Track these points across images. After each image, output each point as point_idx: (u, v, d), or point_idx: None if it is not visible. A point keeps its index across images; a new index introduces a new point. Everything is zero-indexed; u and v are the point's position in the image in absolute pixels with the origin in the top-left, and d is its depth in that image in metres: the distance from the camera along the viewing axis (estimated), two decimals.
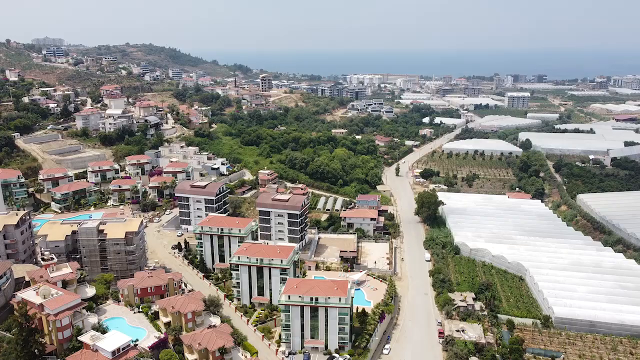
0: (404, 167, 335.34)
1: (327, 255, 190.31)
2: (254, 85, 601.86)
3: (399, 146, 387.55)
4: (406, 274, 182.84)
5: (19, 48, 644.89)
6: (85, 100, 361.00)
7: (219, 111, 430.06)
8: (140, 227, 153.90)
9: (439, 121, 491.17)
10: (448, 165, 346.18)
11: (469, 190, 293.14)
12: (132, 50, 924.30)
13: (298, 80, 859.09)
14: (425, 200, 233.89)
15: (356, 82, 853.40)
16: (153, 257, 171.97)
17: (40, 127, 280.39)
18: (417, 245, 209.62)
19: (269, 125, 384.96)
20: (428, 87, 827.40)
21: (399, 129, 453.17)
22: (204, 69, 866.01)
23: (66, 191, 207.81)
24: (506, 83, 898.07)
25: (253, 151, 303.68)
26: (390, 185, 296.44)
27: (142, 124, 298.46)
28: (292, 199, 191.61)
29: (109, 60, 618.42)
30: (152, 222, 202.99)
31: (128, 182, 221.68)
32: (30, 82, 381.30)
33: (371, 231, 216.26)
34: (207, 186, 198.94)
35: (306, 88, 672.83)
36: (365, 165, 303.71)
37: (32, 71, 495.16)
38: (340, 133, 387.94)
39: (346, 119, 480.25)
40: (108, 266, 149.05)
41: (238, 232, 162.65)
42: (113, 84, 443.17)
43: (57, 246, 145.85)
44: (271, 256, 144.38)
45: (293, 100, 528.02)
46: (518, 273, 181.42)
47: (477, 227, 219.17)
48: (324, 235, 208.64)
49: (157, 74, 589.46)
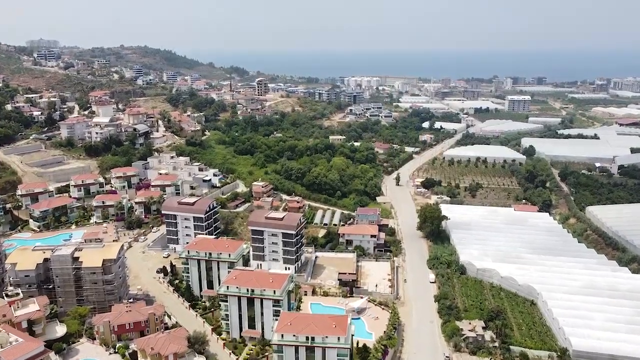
0: (405, 176, 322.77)
1: (325, 277, 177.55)
2: (250, 89, 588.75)
3: (398, 153, 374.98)
4: (409, 298, 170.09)
5: (9, 51, 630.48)
6: (72, 107, 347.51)
7: (214, 116, 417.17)
8: (120, 253, 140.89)
9: (439, 126, 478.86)
10: (450, 173, 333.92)
11: (473, 201, 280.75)
12: (127, 52, 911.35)
13: (295, 83, 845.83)
14: (428, 215, 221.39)
15: (354, 84, 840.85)
16: (136, 283, 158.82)
17: (22, 137, 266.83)
18: (420, 264, 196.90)
19: (264, 132, 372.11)
20: (427, 90, 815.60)
21: (399, 134, 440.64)
22: (200, 72, 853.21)
23: (45, 208, 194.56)
24: (505, 85, 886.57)
25: (247, 161, 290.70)
26: (390, 195, 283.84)
27: (131, 133, 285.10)
28: (287, 217, 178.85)
29: (101, 63, 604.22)
30: (137, 242, 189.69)
31: (112, 197, 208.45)
32: (15, 88, 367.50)
33: (371, 249, 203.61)
34: (196, 203, 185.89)
35: (303, 91, 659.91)
36: (365, 175, 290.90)
37: (21, 75, 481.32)
38: (338, 140, 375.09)
39: (344, 124, 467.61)
40: (84, 297, 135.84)
41: (228, 256, 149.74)
42: (104, 89, 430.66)
43: (27, 275, 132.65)
44: (263, 286, 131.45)
45: (290, 105, 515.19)
46: (529, 297, 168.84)
47: (483, 244, 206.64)
48: (322, 254, 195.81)
49: (151, 77, 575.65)
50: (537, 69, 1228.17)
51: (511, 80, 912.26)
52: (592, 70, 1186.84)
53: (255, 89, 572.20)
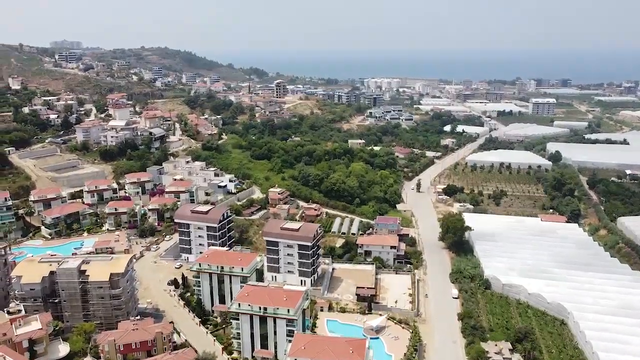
0: (426, 182, 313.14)
1: (342, 291, 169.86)
2: (269, 91, 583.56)
3: (419, 158, 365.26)
4: (431, 315, 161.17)
5: (31, 52, 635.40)
6: (90, 110, 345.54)
7: (231, 119, 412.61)
8: (128, 266, 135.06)
9: (461, 130, 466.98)
10: (472, 179, 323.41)
11: (497, 209, 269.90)
12: (147, 53, 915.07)
13: (314, 85, 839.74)
14: (451, 226, 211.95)
15: (374, 86, 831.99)
16: (146, 295, 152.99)
17: (38, 141, 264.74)
18: (442, 277, 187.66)
19: (282, 136, 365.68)
20: (448, 92, 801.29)
21: (419, 138, 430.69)
22: (219, 73, 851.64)
23: (57, 215, 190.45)
24: (529, 87, 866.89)
25: (264, 166, 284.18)
26: (411, 203, 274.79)
27: (147, 137, 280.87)
28: (303, 228, 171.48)
29: (121, 65, 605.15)
30: (148, 251, 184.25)
31: (125, 204, 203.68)
32: (33, 90, 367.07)
33: (391, 260, 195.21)
34: (210, 212, 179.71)
35: (322, 93, 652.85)
36: (384, 181, 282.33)
37: (41, 77, 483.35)
38: (358, 144, 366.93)
39: (364, 127, 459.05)
40: (91, 312, 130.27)
41: (240, 270, 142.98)
42: (122, 91, 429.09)
43: (32, 289, 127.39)
44: (277, 304, 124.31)
45: (308, 107, 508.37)
46: (559, 316, 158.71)
47: (509, 256, 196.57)
48: (339, 266, 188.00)
49: (169, 79, 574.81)
50: (562, 70, 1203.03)
51: (535, 82, 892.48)
52: (619, 72, 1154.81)
53: (274, 91, 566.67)
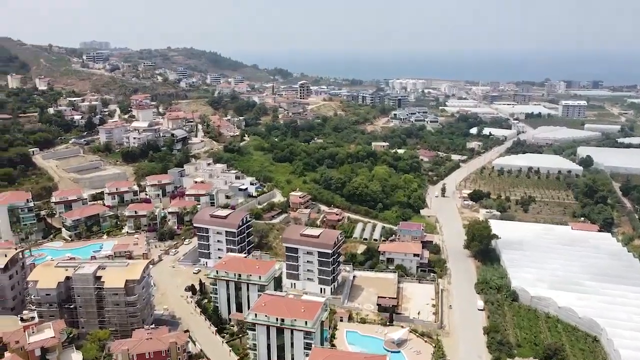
0: (451, 186, 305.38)
1: (363, 300, 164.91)
2: (292, 92, 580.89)
3: (444, 161, 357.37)
4: (455, 328, 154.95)
5: (60, 53, 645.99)
6: (114, 111, 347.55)
7: (254, 120, 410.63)
8: (144, 272, 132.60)
9: (488, 132, 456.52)
10: (499, 184, 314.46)
11: (525, 216, 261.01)
12: (173, 54, 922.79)
13: (339, 85, 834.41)
14: (477, 233, 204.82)
15: (399, 87, 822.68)
16: (163, 302, 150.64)
17: (62, 141, 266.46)
18: (467, 287, 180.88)
19: (304, 137, 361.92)
20: (474, 93, 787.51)
21: (445, 140, 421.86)
22: (244, 74, 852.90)
23: (77, 217, 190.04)
24: (558, 89, 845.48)
25: (285, 169, 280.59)
26: (435, 208, 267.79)
27: (169, 139, 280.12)
28: (323, 234, 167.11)
29: (146, 65, 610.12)
30: (167, 255, 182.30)
31: (145, 206, 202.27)
32: (59, 91, 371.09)
33: (414, 268, 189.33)
34: (229, 217, 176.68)
35: (346, 94, 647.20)
36: (408, 185, 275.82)
37: (69, 77, 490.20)
38: (381, 147, 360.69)
39: (388, 130, 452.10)
40: (106, 318, 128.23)
41: (258, 279, 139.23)
42: (147, 92, 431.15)
43: (48, 294, 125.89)
44: (294, 315, 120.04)
45: (332, 109, 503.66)
46: (591, 332, 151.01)
47: (538, 267, 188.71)
48: (360, 274, 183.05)
49: (194, 80, 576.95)
50: (593, 71, 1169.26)
51: (565, 83, 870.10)
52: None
53: (298, 92, 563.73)
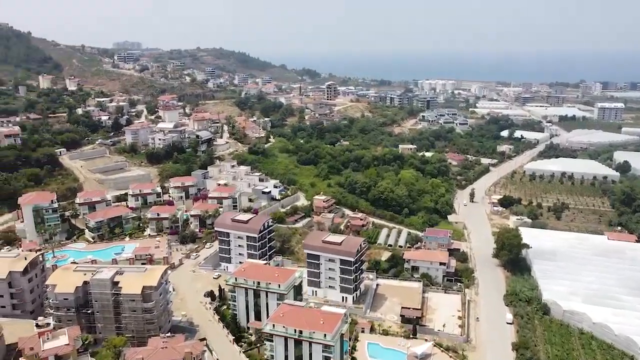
0: (480, 191, 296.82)
1: (386, 310, 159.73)
2: (319, 93, 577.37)
3: (473, 165, 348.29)
4: (482, 342, 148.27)
5: (92, 53, 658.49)
6: (141, 112, 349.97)
7: (281, 121, 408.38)
8: (162, 278, 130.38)
9: (520, 135, 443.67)
10: (531, 190, 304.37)
11: (557, 224, 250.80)
12: (202, 54, 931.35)
13: (367, 86, 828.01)
14: (506, 242, 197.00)
15: (428, 88, 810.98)
16: (181, 307, 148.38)
17: (89, 142, 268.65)
18: (495, 299, 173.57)
19: (330, 139, 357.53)
20: (506, 95, 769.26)
21: (474, 143, 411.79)
22: (272, 74, 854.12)
23: (100, 218, 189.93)
24: (594, 91, 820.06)
25: (310, 171, 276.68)
26: (463, 214, 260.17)
27: (194, 140, 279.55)
28: (346, 242, 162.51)
29: (175, 66, 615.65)
30: (188, 259, 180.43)
31: (167, 209, 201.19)
32: (88, 92, 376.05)
33: (440, 277, 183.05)
34: (250, 221, 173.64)
35: (374, 95, 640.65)
36: (435, 190, 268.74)
37: (99, 77, 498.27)
38: (409, 149, 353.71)
39: (416, 132, 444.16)
40: (123, 324, 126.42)
41: (277, 287, 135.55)
42: (174, 93, 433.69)
43: (66, 299, 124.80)
44: (313, 327, 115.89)
45: (359, 110, 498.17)
46: (628, 351, 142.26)
47: (571, 279, 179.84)
48: (384, 282, 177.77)
49: (221, 80, 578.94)
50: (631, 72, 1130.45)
51: (600, 84, 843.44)
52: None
53: (325, 93, 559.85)
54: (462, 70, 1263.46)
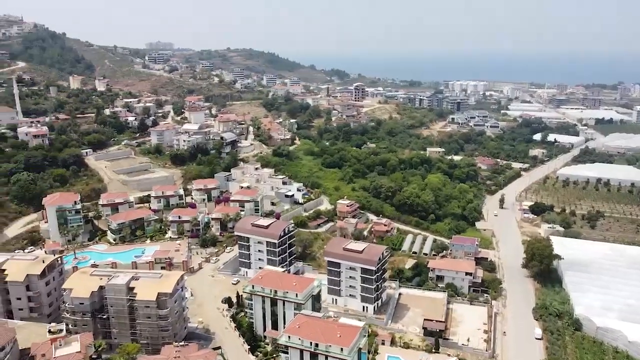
0: (510, 197, 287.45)
1: (408, 321, 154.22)
2: (347, 94, 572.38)
3: (504, 170, 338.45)
4: (508, 358, 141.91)
5: (124, 54, 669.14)
6: (167, 112, 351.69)
7: (307, 122, 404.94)
8: (178, 285, 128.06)
9: (553, 139, 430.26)
10: (564, 196, 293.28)
11: (592, 233, 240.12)
12: (232, 55, 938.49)
13: (396, 87, 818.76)
14: (537, 252, 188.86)
15: (459, 89, 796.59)
16: (198, 313, 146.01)
17: (114, 143, 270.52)
18: (524, 312, 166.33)
19: (357, 142, 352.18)
20: (540, 97, 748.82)
21: (505, 147, 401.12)
22: (301, 74, 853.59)
23: (122, 220, 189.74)
24: (633, 93, 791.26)
25: (334, 175, 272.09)
26: (492, 221, 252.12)
27: (218, 142, 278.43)
28: (367, 249, 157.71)
29: (204, 66, 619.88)
30: (208, 262, 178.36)
31: (189, 211, 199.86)
32: (116, 92, 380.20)
33: (465, 288, 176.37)
34: (270, 226, 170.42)
35: (403, 97, 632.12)
36: (463, 196, 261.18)
37: (129, 78, 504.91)
38: (437, 153, 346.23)
39: (445, 134, 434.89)
40: (138, 331, 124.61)
41: (295, 296, 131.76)
42: (202, 93, 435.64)
43: (82, 303, 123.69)
44: (329, 341, 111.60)
45: (387, 112, 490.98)
46: None
47: (606, 293, 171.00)
48: (406, 291, 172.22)
49: (249, 81, 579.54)
50: None
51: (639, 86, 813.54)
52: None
53: (352, 94, 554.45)
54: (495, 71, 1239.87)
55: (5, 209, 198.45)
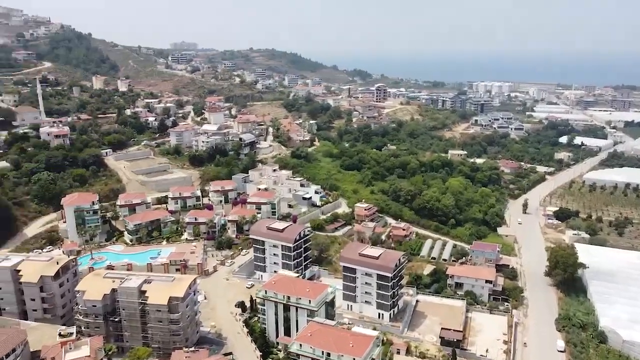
0: (534, 202, 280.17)
1: (425, 329, 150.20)
2: (369, 95, 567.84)
3: (528, 173, 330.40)
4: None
5: (148, 54, 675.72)
6: (188, 113, 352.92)
7: (327, 123, 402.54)
8: (190, 289, 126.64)
9: (580, 142, 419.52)
10: (590, 202, 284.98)
11: (619, 241, 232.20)
12: (255, 55, 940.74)
13: (419, 88, 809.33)
14: (560, 260, 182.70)
15: (483, 90, 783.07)
16: (211, 317, 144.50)
17: (134, 143, 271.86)
18: (546, 322, 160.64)
19: (377, 144, 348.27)
20: (566, 98, 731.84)
21: (530, 150, 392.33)
22: (323, 75, 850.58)
23: (139, 221, 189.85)
24: None
25: (353, 177, 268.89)
26: (514, 226, 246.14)
27: (236, 143, 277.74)
28: (383, 255, 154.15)
29: (226, 66, 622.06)
30: (223, 265, 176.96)
31: (205, 213, 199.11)
32: (138, 92, 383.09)
33: (485, 296, 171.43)
34: (285, 230, 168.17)
35: (426, 98, 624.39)
36: (485, 200, 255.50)
37: (152, 78, 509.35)
38: (458, 155, 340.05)
39: (467, 136, 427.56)
40: (149, 335, 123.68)
41: (308, 303, 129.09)
42: (223, 94, 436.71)
43: (94, 306, 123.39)
44: (342, 350, 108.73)
45: (409, 113, 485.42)
46: None
47: (634, 305, 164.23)
48: (424, 298, 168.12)
49: (270, 82, 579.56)
50: None
51: None
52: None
53: (374, 95, 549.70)
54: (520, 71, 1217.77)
55: (26, 208, 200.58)
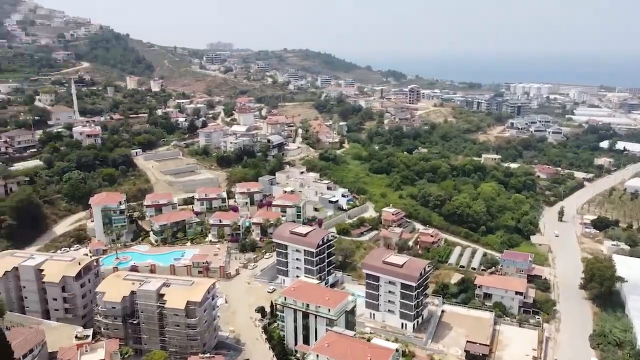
0: (571, 210, 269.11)
1: (450, 342, 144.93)
2: (402, 96, 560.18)
3: (565, 179, 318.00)
4: None
5: (183, 54, 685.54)
6: (218, 114, 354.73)
7: (358, 125, 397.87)
8: (208, 294, 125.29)
9: (622, 147, 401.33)
10: (631, 210, 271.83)
11: None
12: (288, 55, 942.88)
13: (454, 89, 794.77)
14: (597, 272, 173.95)
15: (521, 92, 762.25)
16: (231, 322, 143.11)
17: (164, 143, 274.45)
18: (579, 338, 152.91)
19: (408, 146, 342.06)
20: (609, 101, 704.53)
21: (568, 155, 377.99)
22: (356, 75, 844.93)
23: (164, 222, 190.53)
24: None
25: (381, 181, 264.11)
26: (549, 235, 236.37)
27: (264, 144, 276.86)
28: (408, 264, 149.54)
29: (259, 67, 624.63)
30: (245, 269, 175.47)
31: (230, 215, 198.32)
32: (169, 93, 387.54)
33: (515, 308, 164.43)
34: (309, 235, 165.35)
35: (460, 99, 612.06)
36: (518, 207, 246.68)
37: (186, 78, 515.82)
38: (492, 159, 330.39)
39: (502, 140, 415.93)
40: (167, 338, 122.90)
41: (327, 311, 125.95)
42: (255, 94, 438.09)
43: (113, 307, 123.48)
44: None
45: (442, 115, 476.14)
46: None
47: None
48: (450, 308, 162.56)
49: (302, 82, 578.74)
50: None
51: None
52: None
53: (407, 96, 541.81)
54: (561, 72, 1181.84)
55: (56, 206, 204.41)
